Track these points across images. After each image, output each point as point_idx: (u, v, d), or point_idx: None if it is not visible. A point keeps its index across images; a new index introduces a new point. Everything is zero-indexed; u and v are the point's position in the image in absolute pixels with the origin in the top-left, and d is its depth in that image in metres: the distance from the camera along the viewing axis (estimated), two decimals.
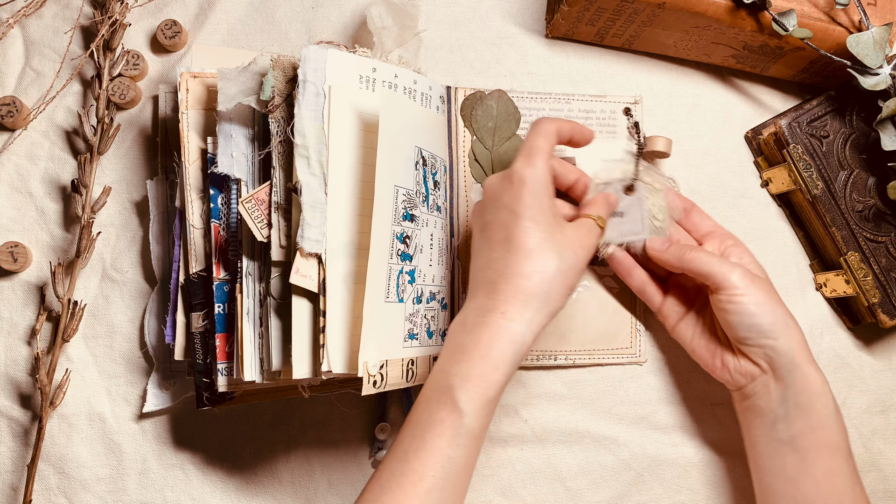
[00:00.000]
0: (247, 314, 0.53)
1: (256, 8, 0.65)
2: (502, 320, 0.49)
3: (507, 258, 0.50)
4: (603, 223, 0.55)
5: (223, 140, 0.55)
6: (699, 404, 0.64)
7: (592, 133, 0.56)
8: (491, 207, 0.53)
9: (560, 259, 0.50)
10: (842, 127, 0.63)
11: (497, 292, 0.50)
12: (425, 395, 0.49)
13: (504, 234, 0.51)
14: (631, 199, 0.60)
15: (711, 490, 0.64)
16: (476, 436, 0.48)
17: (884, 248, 0.62)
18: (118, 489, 0.61)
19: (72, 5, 0.64)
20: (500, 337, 0.49)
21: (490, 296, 0.50)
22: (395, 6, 0.60)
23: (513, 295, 0.49)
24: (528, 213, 0.50)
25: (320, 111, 0.51)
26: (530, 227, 0.50)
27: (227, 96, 0.53)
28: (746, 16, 0.59)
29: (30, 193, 0.63)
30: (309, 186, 0.51)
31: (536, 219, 0.51)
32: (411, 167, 0.55)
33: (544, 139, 0.53)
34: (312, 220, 0.50)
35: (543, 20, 0.67)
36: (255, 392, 0.59)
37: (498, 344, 0.49)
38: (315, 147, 0.51)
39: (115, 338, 0.62)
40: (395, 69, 0.56)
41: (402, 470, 0.47)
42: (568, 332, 0.63)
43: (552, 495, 0.63)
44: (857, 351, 0.66)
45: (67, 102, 0.64)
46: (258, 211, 0.53)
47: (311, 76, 0.51)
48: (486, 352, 0.48)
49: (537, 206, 0.51)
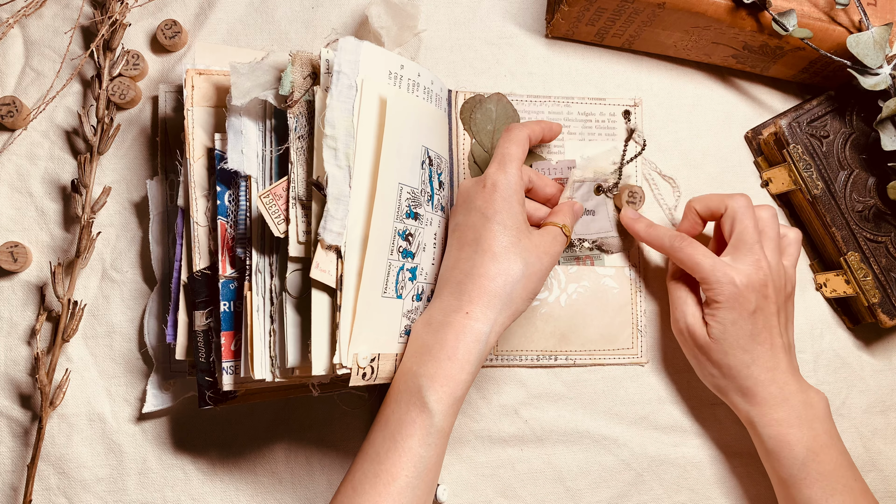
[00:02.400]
0: (257, 311, 0.53)
1: (256, 8, 0.65)
2: (467, 320, 0.51)
3: (474, 259, 0.52)
4: (569, 231, 0.57)
5: (233, 136, 0.54)
6: (699, 404, 0.64)
7: (559, 126, 0.60)
8: (463, 210, 0.55)
9: (525, 264, 0.52)
10: (842, 127, 0.63)
11: (463, 292, 0.52)
12: (393, 396, 0.50)
13: (473, 236, 0.53)
14: (600, 198, 0.63)
15: (711, 490, 0.64)
16: (445, 434, 0.50)
17: (884, 248, 0.62)
18: (118, 489, 0.61)
19: (72, 5, 0.64)
20: (465, 336, 0.50)
21: (456, 295, 0.52)
22: (395, 6, 0.60)
23: (478, 295, 0.51)
24: (497, 217, 0.52)
25: (351, 103, 0.51)
26: (499, 230, 0.52)
27: (241, 91, 0.53)
28: (746, 16, 0.59)
29: (30, 193, 0.63)
30: (334, 178, 0.50)
31: (506, 223, 0.52)
32: (417, 166, 0.55)
33: (517, 146, 0.55)
34: (336, 212, 0.50)
35: (543, 20, 0.67)
36: (258, 391, 0.59)
37: (463, 343, 0.50)
38: (343, 139, 0.51)
39: (115, 338, 0.62)
40: (418, 68, 0.56)
41: (375, 471, 0.48)
42: (569, 333, 0.63)
43: (552, 495, 0.63)
44: (857, 351, 0.66)
45: (67, 102, 0.64)
46: (275, 206, 0.52)
47: (346, 67, 0.51)
48: (452, 352, 0.50)
49: (507, 211, 0.53)
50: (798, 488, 0.55)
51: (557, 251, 0.55)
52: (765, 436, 0.56)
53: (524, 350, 0.62)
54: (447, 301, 0.52)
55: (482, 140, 0.63)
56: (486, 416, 0.63)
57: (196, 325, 0.56)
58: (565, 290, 0.63)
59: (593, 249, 0.63)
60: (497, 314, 0.51)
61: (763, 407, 0.56)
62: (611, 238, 0.63)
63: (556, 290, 0.63)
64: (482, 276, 0.51)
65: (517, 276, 0.52)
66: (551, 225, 0.56)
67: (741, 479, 0.64)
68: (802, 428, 0.55)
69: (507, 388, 0.63)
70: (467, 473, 0.62)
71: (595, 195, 0.63)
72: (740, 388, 0.57)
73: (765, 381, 0.56)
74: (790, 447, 0.55)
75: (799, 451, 0.55)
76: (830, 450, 0.56)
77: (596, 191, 0.63)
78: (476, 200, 0.54)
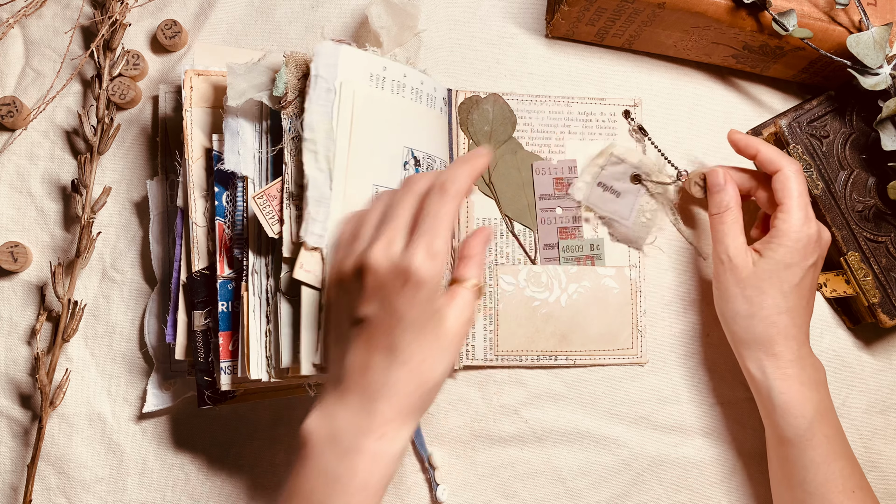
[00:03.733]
0: (253, 312, 0.53)
1: (256, 8, 0.65)
2: (381, 443, 0.46)
3: (389, 371, 0.46)
4: (478, 289, 0.50)
5: (230, 137, 0.54)
6: (699, 404, 0.64)
7: (487, 156, 0.49)
8: (376, 300, 0.46)
9: (444, 366, 0.47)
10: (842, 127, 0.63)
11: (375, 410, 0.46)
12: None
13: (388, 342, 0.46)
14: (632, 187, 0.62)
15: (711, 490, 0.64)
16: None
17: (884, 248, 0.62)
18: (118, 489, 0.61)
19: (72, 5, 0.64)
20: (380, 462, 0.46)
21: (366, 410, 0.46)
22: (395, 6, 0.60)
23: (393, 416, 0.46)
24: (417, 324, 0.45)
25: (330, 107, 0.52)
26: (417, 339, 0.46)
27: (237, 91, 0.53)
28: (746, 16, 0.59)
29: (30, 193, 0.63)
30: (315, 181, 0.51)
31: (424, 328, 0.46)
32: (398, 167, 0.55)
33: (446, 229, 0.46)
34: (317, 214, 0.51)
35: (543, 20, 0.67)
36: (257, 391, 0.59)
37: (377, 470, 0.46)
38: (323, 142, 0.51)
39: (115, 338, 0.62)
40: (404, 69, 0.56)
41: None
42: (569, 333, 0.63)
43: (552, 495, 0.63)
44: (857, 351, 0.66)
45: (67, 102, 0.64)
46: (269, 207, 0.53)
47: (323, 71, 0.51)
48: (364, 483, 0.45)
49: (428, 313, 0.46)
50: (801, 448, 0.55)
51: (470, 318, 0.49)
52: (776, 390, 0.56)
53: (525, 350, 0.62)
54: (356, 415, 0.46)
55: (479, 141, 0.63)
56: (486, 416, 0.63)
57: (195, 326, 0.56)
58: (566, 289, 0.63)
59: (598, 223, 0.64)
60: (413, 423, 0.47)
61: (779, 360, 0.56)
62: (622, 224, 0.62)
63: (556, 290, 0.63)
64: (399, 395, 0.46)
65: (436, 381, 0.47)
66: (461, 287, 0.49)
67: (741, 479, 0.64)
68: (812, 389, 0.56)
69: (507, 388, 0.63)
70: (467, 473, 0.62)
71: (631, 182, 0.63)
72: (762, 335, 0.56)
73: (788, 335, 0.56)
74: (801, 405, 0.55)
75: (808, 410, 0.55)
76: (833, 416, 0.57)
77: (633, 178, 0.63)
78: (393, 297, 0.45)
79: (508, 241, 0.63)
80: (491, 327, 0.62)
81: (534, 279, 0.63)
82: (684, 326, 0.65)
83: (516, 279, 0.63)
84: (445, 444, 0.63)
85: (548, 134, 0.64)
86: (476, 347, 0.62)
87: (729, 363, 0.65)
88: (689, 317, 0.65)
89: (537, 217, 0.64)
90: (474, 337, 0.62)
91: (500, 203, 0.63)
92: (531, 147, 0.64)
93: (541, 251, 0.63)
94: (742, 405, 0.64)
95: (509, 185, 0.64)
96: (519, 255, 0.63)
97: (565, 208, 0.64)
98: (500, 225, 0.63)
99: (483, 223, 0.63)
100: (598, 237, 0.64)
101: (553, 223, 0.64)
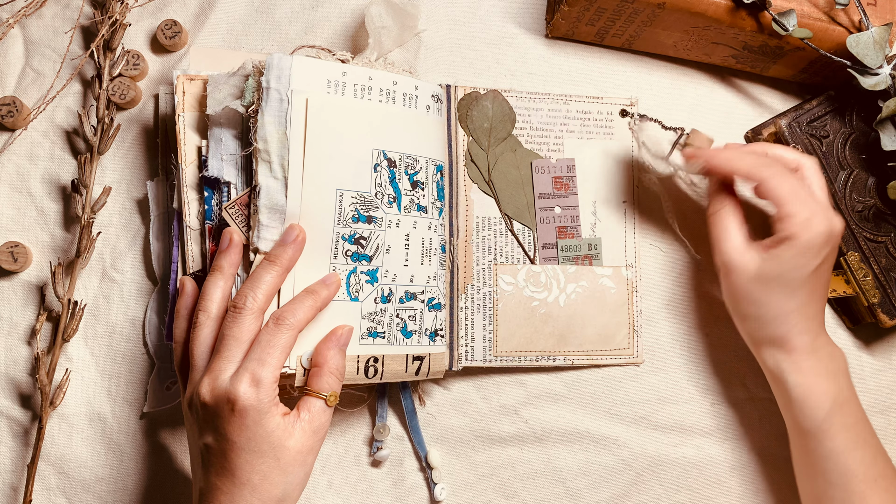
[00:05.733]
0: None
1: (256, 8, 0.65)
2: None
3: (232, 493, 0.47)
4: (335, 398, 0.51)
5: (213, 143, 0.56)
6: (699, 404, 0.64)
7: (334, 287, 0.53)
8: (210, 428, 0.48)
9: (288, 482, 0.48)
10: (842, 127, 0.63)
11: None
12: None
13: (227, 466, 0.47)
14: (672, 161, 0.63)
15: (711, 490, 0.64)
16: None
17: (884, 248, 0.62)
18: (118, 489, 0.61)
19: (72, 5, 0.64)
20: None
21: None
22: (395, 6, 0.60)
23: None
24: (250, 446, 0.47)
25: (283, 116, 0.53)
26: (253, 460, 0.47)
27: (215, 100, 0.55)
28: (746, 16, 0.59)
29: (30, 193, 0.63)
30: (268, 189, 0.53)
31: (260, 449, 0.47)
32: (366, 170, 0.55)
33: (276, 357, 0.48)
34: (270, 221, 0.53)
35: (543, 20, 0.67)
36: None
37: None
38: (277, 151, 0.53)
39: (115, 338, 0.62)
40: (369, 72, 0.56)
41: None
42: (567, 333, 0.63)
43: (552, 495, 0.63)
44: (857, 351, 0.66)
45: (67, 102, 0.64)
46: (242, 215, 0.54)
47: (274, 83, 0.53)
48: None
49: (260, 436, 0.47)
50: (820, 440, 0.55)
51: (322, 431, 0.50)
52: (792, 384, 0.56)
53: (524, 351, 0.62)
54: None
55: (479, 138, 0.63)
56: (486, 416, 0.63)
57: None
58: (564, 290, 0.63)
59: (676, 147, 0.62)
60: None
61: (794, 355, 0.56)
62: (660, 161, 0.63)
63: (555, 290, 0.63)
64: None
65: (283, 495, 0.48)
66: (314, 397, 0.50)
67: (741, 479, 0.64)
68: (829, 380, 0.55)
69: (507, 388, 0.63)
70: (467, 473, 0.63)
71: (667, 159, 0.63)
72: (774, 333, 0.56)
73: (800, 329, 0.55)
74: (817, 397, 0.55)
75: (825, 401, 0.55)
76: (853, 404, 0.56)
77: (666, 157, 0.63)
78: (223, 425, 0.47)
79: (508, 240, 0.63)
80: (490, 327, 0.62)
81: (533, 279, 0.63)
82: (684, 326, 0.65)
83: (515, 279, 0.63)
84: (445, 443, 0.63)
85: (546, 132, 0.64)
86: (475, 348, 0.62)
87: (729, 363, 0.65)
88: (688, 316, 0.65)
89: (536, 216, 0.64)
90: (473, 338, 0.62)
91: (499, 201, 0.63)
92: (530, 145, 0.64)
93: (539, 251, 0.63)
94: (742, 405, 0.64)
95: (509, 182, 0.63)
96: (518, 254, 0.63)
97: (564, 207, 0.64)
98: (500, 224, 0.63)
99: (483, 221, 0.63)
100: (596, 237, 0.64)
101: (552, 222, 0.64)
